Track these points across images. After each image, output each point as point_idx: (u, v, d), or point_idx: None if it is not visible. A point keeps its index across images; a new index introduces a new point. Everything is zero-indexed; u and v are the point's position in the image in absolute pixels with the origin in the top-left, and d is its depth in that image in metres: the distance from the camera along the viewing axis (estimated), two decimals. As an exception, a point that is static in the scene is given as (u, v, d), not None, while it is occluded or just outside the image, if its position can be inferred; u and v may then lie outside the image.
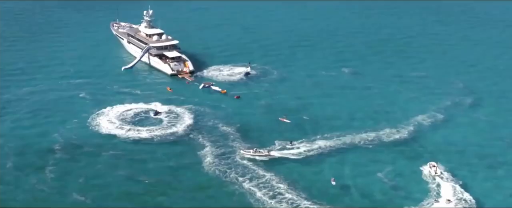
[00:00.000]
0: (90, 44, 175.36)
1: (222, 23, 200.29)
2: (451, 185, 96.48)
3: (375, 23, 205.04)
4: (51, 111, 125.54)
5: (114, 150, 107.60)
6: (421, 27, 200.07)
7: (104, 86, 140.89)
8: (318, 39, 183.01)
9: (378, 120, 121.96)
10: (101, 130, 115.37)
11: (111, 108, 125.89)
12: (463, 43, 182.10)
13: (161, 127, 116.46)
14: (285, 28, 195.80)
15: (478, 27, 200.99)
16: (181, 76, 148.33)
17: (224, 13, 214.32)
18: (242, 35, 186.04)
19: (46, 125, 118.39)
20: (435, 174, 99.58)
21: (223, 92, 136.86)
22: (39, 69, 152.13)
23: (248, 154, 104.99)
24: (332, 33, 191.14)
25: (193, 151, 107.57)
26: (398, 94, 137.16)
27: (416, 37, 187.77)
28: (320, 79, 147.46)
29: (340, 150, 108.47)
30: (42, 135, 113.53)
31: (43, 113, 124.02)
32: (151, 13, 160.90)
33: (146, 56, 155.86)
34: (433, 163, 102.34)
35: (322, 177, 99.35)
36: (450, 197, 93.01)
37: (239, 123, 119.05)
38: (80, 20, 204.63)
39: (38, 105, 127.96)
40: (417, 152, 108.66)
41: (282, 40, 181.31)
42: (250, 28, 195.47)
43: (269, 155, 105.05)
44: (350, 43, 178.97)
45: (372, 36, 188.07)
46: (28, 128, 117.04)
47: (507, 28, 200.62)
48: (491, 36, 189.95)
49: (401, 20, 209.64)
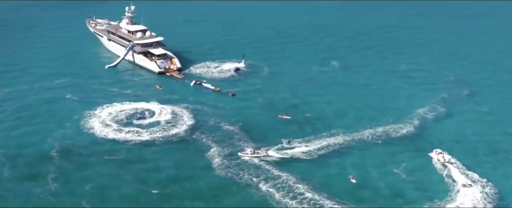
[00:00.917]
0: (66, 43, 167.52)
1: (202, 19, 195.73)
2: (462, 171, 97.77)
3: (356, 17, 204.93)
4: (39, 114, 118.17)
5: (116, 154, 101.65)
6: (403, 21, 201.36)
7: (90, 86, 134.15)
8: (302, 34, 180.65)
9: (380, 115, 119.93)
10: (97, 134, 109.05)
11: (102, 109, 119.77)
12: (448, 35, 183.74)
13: (162, 128, 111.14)
14: (267, 23, 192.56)
15: (459, 20, 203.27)
16: (169, 74, 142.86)
17: (204, 10, 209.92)
18: (224, 31, 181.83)
19: (36, 130, 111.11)
20: (443, 161, 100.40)
21: (216, 90, 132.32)
22: (16, 70, 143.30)
23: (246, 156, 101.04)
24: (314, 28, 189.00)
25: (200, 153, 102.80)
26: (394, 88, 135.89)
27: (400, 31, 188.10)
28: (312, 74, 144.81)
29: (350, 147, 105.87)
30: (35, 141, 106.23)
31: (31, 117, 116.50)
32: (133, 9, 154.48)
33: (130, 54, 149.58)
34: (439, 150, 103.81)
35: (339, 175, 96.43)
36: (467, 181, 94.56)
37: (241, 121, 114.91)
38: (52, 17, 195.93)
39: (24, 109, 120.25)
40: (428, 146, 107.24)
41: (266, 35, 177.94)
42: (232, 24, 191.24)
43: (268, 156, 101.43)
44: (334, 38, 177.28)
45: (355, 30, 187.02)
46: (17, 133, 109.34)
47: (487, 20, 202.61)
48: (473, 28, 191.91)
49: (382, 14, 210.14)
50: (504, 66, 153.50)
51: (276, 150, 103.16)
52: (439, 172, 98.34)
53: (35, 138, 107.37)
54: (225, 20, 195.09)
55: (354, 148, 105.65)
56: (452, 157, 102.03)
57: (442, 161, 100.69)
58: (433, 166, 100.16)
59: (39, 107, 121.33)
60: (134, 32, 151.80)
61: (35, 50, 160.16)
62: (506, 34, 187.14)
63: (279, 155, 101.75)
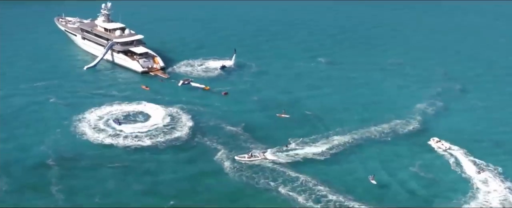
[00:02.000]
0: (36, 42, 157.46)
1: (179, 17, 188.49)
2: (472, 161, 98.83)
3: (335, 14, 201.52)
4: (25, 120, 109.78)
5: (118, 161, 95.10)
6: (383, 17, 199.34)
7: (72, 88, 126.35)
8: (283, 31, 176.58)
9: (381, 111, 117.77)
10: (91, 139, 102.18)
11: (91, 113, 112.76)
12: (421, 29, 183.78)
13: (162, 132, 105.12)
14: (245, 21, 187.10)
15: (441, 16, 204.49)
16: (154, 73, 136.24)
17: (179, 7, 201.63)
18: (203, 29, 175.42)
19: (26, 137, 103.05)
20: (445, 148, 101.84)
21: (206, 88, 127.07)
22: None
23: (243, 160, 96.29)
24: (291, 23, 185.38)
25: (208, 157, 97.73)
26: (387, 83, 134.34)
27: (381, 27, 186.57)
28: (300, 70, 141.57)
29: (361, 145, 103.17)
30: (27, 149, 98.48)
31: (16, 124, 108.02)
32: (110, 6, 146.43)
33: (108, 53, 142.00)
34: (436, 138, 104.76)
35: (357, 175, 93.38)
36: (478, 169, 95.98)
37: (242, 122, 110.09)
38: (16, 15, 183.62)
39: (6, 115, 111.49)
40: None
41: (246, 33, 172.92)
42: (210, 21, 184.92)
43: (265, 159, 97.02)
44: (316, 35, 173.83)
45: (336, 27, 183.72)
46: (6, 142, 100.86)
47: (470, 16, 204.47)
48: (456, 24, 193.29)
49: (361, 10, 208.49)
50: (490, 61, 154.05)
51: (273, 153, 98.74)
52: (453, 166, 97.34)
53: (26, 146, 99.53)
54: (203, 17, 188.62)
55: (364, 146, 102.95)
56: (451, 144, 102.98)
57: (443, 149, 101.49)
58: (446, 161, 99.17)
59: (23, 113, 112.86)
60: (112, 30, 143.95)
61: (2, 51, 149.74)
62: (490, 30, 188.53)
63: (277, 158, 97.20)
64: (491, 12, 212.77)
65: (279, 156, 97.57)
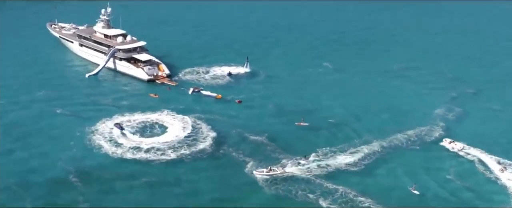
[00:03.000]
0: (29, 50, 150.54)
1: (175, 22, 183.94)
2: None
3: (328, 16, 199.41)
4: (35, 133, 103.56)
5: (144, 177, 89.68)
6: (374, 18, 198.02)
7: (77, 98, 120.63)
8: (280, 35, 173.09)
9: (401, 117, 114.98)
10: (110, 153, 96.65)
11: (103, 123, 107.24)
12: (421, 31, 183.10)
13: (185, 143, 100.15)
14: (240, 25, 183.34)
15: (427, 14, 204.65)
16: (160, 81, 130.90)
17: (173, 10, 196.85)
18: (201, 34, 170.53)
19: (39, 151, 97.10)
20: (459, 149, 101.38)
21: (218, 97, 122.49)
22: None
23: (261, 174, 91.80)
24: (290, 29, 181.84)
25: (237, 169, 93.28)
26: (399, 88, 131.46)
27: (376, 29, 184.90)
28: (308, 76, 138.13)
29: (391, 154, 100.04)
30: (45, 165, 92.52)
31: (27, 138, 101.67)
32: (110, 11, 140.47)
33: (110, 61, 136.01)
34: (448, 140, 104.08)
35: (396, 185, 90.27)
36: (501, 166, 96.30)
37: (265, 131, 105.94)
38: (3, 20, 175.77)
39: (14, 128, 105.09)
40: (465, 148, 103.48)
41: (245, 37, 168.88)
42: (205, 26, 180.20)
43: (285, 172, 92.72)
44: (315, 38, 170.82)
45: (333, 29, 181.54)
46: (21, 158, 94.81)
47: (461, 17, 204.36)
48: (443, 24, 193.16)
49: (352, 11, 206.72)
50: (495, 63, 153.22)
51: (292, 166, 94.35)
52: (487, 174, 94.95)
53: (43, 162, 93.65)
54: (201, 22, 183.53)
55: (395, 155, 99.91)
56: (464, 144, 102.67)
57: (458, 149, 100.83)
58: (479, 167, 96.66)
59: (31, 125, 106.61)
60: (113, 37, 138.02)
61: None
62: (489, 31, 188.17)
63: (298, 171, 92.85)
64: (488, 13, 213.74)
65: (300, 169, 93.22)
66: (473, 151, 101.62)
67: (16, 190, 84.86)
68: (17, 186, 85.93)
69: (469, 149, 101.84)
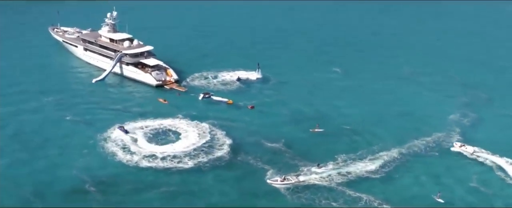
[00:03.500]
0: (31, 54, 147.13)
1: (177, 26, 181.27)
2: None
3: (328, 20, 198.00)
4: (46, 141, 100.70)
5: (164, 186, 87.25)
6: (376, 22, 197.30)
7: (86, 103, 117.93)
8: (286, 39, 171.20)
9: (417, 123, 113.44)
10: (125, 161, 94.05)
11: (115, 130, 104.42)
12: (423, 34, 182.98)
13: (201, 151, 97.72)
14: (242, 28, 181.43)
15: (427, 18, 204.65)
16: (169, 86, 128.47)
17: (173, 15, 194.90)
18: (204, 38, 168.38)
19: (52, 159, 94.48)
20: (470, 152, 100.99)
21: (229, 102, 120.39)
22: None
23: (276, 184, 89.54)
24: (294, 32, 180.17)
25: (257, 177, 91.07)
26: (412, 94, 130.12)
27: (379, 32, 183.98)
28: (319, 81, 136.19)
29: (410, 161, 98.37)
30: (60, 174, 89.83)
31: (38, 145, 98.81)
32: (116, 15, 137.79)
33: (117, 66, 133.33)
34: (459, 143, 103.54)
35: (419, 193, 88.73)
36: None
37: (281, 137, 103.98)
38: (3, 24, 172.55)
39: (24, 136, 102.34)
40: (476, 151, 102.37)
41: (249, 41, 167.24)
42: (207, 29, 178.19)
43: (299, 182, 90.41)
44: (320, 43, 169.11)
45: (336, 34, 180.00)
46: (31, 164, 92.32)
47: (460, 21, 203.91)
48: (445, 27, 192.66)
49: (354, 15, 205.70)
50: (502, 67, 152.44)
51: (305, 175, 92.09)
52: (509, 180, 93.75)
53: (57, 170, 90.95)
54: (201, 26, 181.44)
55: (415, 162, 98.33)
56: (475, 147, 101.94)
57: (471, 153, 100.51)
58: (500, 174, 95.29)
59: (41, 133, 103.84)
60: (119, 41, 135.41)
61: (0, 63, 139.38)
62: (490, 34, 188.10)
63: (311, 180, 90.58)
64: (491, 16, 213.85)
65: (314, 178, 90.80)
66: (492, 157, 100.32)
67: (33, 201, 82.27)
68: (33, 196, 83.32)
69: (480, 153, 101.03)
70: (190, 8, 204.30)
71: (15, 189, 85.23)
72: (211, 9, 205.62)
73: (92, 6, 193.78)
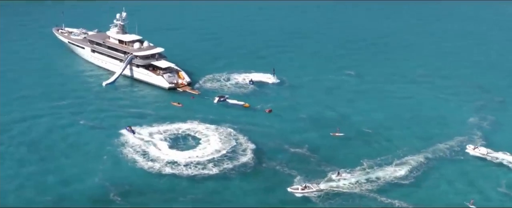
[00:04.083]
0: (36, 56, 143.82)
1: (184, 27, 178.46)
2: None
3: (333, 22, 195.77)
4: (61, 148, 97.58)
5: (191, 194, 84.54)
6: (381, 24, 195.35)
7: (99, 107, 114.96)
8: (293, 41, 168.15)
9: (437, 127, 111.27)
10: (147, 167, 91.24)
11: (133, 135, 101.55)
12: (429, 37, 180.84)
13: (225, 156, 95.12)
14: (247, 30, 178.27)
15: (432, 19, 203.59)
16: (182, 89, 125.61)
17: (180, 16, 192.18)
18: (209, 40, 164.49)
19: (71, 167, 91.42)
20: (483, 154, 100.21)
21: (246, 106, 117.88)
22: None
23: (297, 192, 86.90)
24: (301, 34, 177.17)
25: (286, 184, 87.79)
26: (428, 96, 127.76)
27: (385, 34, 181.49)
28: (333, 83, 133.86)
29: (437, 166, 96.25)
30: (79, 181, 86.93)
31: (53, 151, 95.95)
32: (125, 16, 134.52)
33: (127, 68, 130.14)
34: (471, 146, 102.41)
35: (451, 199, 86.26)
36: None
37: (304, 142, 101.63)
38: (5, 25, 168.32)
39: (38, 143, 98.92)
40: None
41: (256, 44, 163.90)
42: (215, 31, 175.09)
43: (320, 189, 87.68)
44: (329, 44, 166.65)
45: (344, 36, 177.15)
46: (49, 172, 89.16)
47: (467, 22, 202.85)
48: (450, 29, 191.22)
49: (355, 17, 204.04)
50: (509, 69, 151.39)
51: (326, 183, 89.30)
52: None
53: (78, 177, 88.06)
54: (208, 27, 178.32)
55: (442, 166, 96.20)
56: (488, 149, 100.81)
57: (484, 154, 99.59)
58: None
59: (56, 138, 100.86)
60: (129, 43, 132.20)
61: (4, 66, 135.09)
62: (491, 36, 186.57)
63: (332, 188, 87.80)
64: (496, 18, 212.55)
65: (334, 186, 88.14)
66: (509, 157, 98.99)
67: (56, 211, 79.37)
68: (55, 205, 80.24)
69: (494, 153, 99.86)
70: (196, 9, 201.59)
71: (37, 197, 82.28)
72: (218, 10, 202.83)
73: (92, 6, 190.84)
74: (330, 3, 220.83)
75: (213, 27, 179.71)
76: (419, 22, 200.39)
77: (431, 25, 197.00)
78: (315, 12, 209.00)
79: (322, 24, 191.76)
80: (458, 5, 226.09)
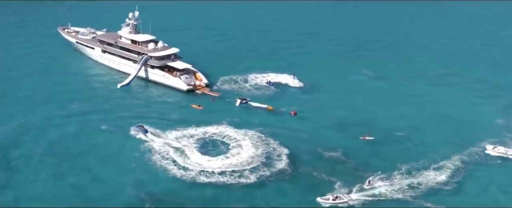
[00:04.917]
0: (43, 57, 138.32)
1: (195, 27, 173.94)
2: None
3: (342, 22, 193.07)
4: (85, 153, 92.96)
5: (231, 203, 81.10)
6: (389, 23, 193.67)
7: (118, 111, 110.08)
8: (305, 41, 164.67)
9: (467, 129, 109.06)
10: (180, 176, 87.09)
11: (160, 140, 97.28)
12: (441, 36, 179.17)
13: (260, 163, 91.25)
14: (257, 30, 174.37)
15: (440, 18, 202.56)
16: (201, 91, 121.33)
17: (190, 16, 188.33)
18: (223, 40, 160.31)
19: (100, 175, 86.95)
20: (503, 153, 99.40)
21: (270, 108, 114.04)
22: (4, 96, 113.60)
23: (327, 203, 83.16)
24: (314, 33, 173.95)
25: (326, 191, 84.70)
26: (450, 97, 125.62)
27: (396, 33, 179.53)
28: (353, 84, 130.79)
29: (476, 170, 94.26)
30: (111, 190, 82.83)
31: (76, 158, 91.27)
32: (138, 15, 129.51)
33: (142, 69, 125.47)
34: (491, 146, 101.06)
35: (504, 203, 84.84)
36: None
37: (338, 146, 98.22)
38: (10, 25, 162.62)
39: (58, 148, 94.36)
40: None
41: (269, 43, 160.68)
42: (227, 31, 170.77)
43: (351, 199, 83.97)
44: (340, 45, 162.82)
45: (355, 35, 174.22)
46: (76, 182, 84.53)
47: (478, 22, 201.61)
48: (459, 28, 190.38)
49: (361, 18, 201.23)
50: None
51: (357, 193, 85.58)
52: None
53: (108, 187, 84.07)
54: (220, 27, 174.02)
55: (480, 171, 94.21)
56: (506, 148, 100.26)
57: (505, 153, 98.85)
58: None
59: (77, 144, 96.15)
60: (143, 43, 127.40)
61: (11, 68, 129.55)
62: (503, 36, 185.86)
63: (362, 197, 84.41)
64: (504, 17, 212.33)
65: (365, 196, 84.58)
66: None
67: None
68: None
69: None
70: (205, 9, 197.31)
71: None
72: (230, 9, 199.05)
73: (92, 6, 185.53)
74: (341, 3, 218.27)
75: (225, 27, 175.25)
76: (431, 22, 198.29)
77: (443, 25, 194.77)
78: (328, 13, 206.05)
79: (335, 25, 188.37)
80: (467, 5, 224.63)
